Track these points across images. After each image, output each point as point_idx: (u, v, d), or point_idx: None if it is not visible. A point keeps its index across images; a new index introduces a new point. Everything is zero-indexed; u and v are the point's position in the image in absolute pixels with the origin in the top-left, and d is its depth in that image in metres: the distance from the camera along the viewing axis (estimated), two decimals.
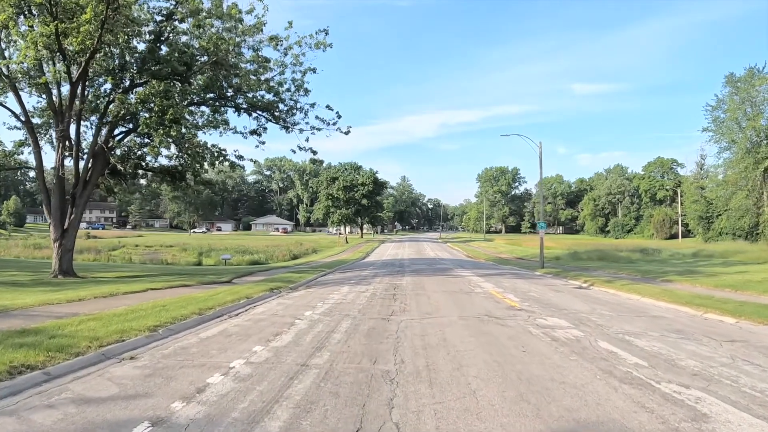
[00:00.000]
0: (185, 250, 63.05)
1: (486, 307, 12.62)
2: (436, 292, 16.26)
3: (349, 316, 10.99)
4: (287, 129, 26.29)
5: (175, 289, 16.78)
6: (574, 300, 14.81)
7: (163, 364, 6.89)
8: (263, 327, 9.81)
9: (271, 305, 13.32)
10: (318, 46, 23.92)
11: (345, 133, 26.62)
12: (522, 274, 25.60)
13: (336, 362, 6.80)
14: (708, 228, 76.75)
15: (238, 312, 12.06)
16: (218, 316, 11.27)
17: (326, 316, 11.15)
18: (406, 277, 22.70)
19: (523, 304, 13.25)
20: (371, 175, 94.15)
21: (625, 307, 13.42)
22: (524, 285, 19.22)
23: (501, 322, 10.31)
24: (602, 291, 18.11)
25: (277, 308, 12.68)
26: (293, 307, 12.75)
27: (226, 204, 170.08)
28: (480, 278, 22.10)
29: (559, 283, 20.95)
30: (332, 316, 11.12)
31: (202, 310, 11.45)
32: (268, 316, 11.36)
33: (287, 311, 12.05)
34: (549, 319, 10.84)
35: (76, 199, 22.62)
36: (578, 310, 12.48)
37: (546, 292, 16.71)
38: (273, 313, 11.83)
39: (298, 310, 12.24)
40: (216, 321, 10.73)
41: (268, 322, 10.45)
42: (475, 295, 15.31)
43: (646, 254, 46.21)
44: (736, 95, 63.56)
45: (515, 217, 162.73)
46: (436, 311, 11.76)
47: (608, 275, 24.81)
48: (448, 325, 9.82)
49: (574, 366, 6.71)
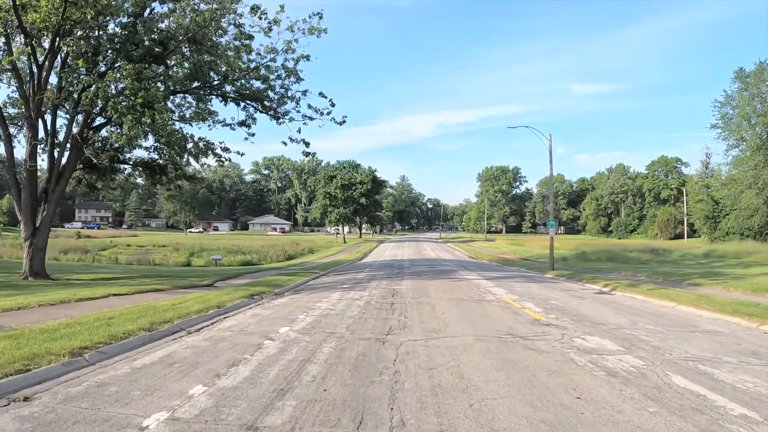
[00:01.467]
0: (177, 250, 61.60)
1: (505, 320, 10.34)
2: (441, 299, 13.94)
3: (334, 335, 8.72)
4: (278, 119, 24.41)
5: (143, 295, 14.67)
6: (604, 309, 12.59)
7: (58, 413, 4.69)
8: (221, 351, 7.57)
9: (243, 317, 11.08)
10: (312, 31, 22.00)
11: (339, 123, 24.76)
12: (533, 277, 23.34)
13: (301, 423, 4.52)
14: (714, 228, 74.83)
15: (201, 326, 9.83)
16: (173, 333, 9.06)
17: (306, 334, 8.88)
18: (405, 280, 20.41)
19: (548, 316, 10.98)
20: (370, 173, 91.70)
21: (667, 319, 11.23)
22: (540, 290, 16.97)
23: (530, 344, 8.03)
24: (628, 297, 15.96)
25: (250, 321, 10.44)
26: (269, 321, 10.50)
27: (224, 204, 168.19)
28: (488, 282, 19.86)
29: (577, 288, 18.76)
30: (313, 334, 8.85)
31: (155, 325, 9.24)
32: (235, 333, 9.11)
33: (260, 326, 9.79)
34: (589, 338, 8.60)
35: (48, 194, 20.75)
36: (617, 324, 10.25)
37: (568, 300, 14.47)
38: (242, 328, 9.58)
39: (273, 324, 9.98)
40: (167, 340, 8.49)
41: (230, 342, 8.21)
42: (488, 304, 13.03)
43: (657, 255, 44.09)
44: (746, 91, 61.39)
45: (516, 217, 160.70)
46: (444, 327, 9.45)
47: (627, 278, 22.72)
48: (463, 350, 7.49)
49: (662, 429, 4.46)
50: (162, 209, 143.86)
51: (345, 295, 15.06)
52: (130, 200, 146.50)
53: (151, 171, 24.80)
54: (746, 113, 60.02)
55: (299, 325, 9.78)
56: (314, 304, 13.11)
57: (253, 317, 11.05)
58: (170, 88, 21.62)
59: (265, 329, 9.42)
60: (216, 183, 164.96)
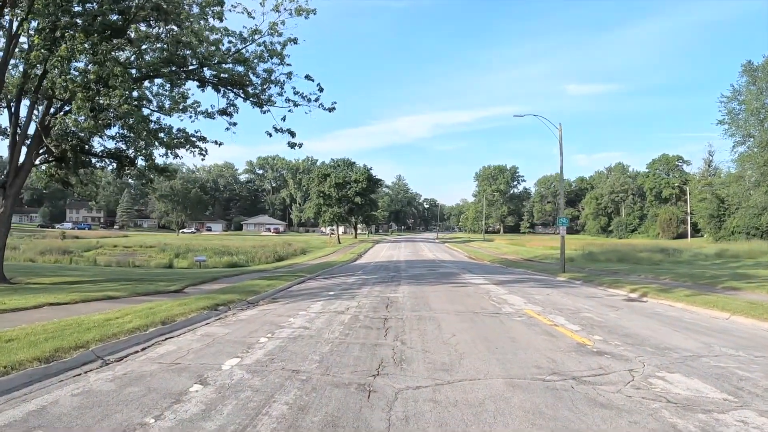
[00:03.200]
0: (163, 251, 59.34)
1: (539, 346, 7.56)
2: (448, 313, 11.14)
3: (298, 376, 6.02)
4: (261, 106, 21.93)
5: (87, 304, 12.15)
6: (654, 325, 9.96)
7: None
8: (121, 404, 5.00)
9: (189, 339, 8.43)
10: (299, 12, 19.87)
11: (329, 110, 22.34)
12: (546, 281, 20.68)
13: None
14: (719, 227, 72.50)
15: (126, 353, 7.30)
16: (82, 364, 6.58)
17: (257, 373, 6.17)
18: (402, 286, 17.61)
19: (593, 338, 8.28)
20: (365, 171, 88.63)
21: (740, 338, 8.76)
22: (563, 298, 14.28)
23: (594, 393, 5.29)
24: (667, 305, 13.42)
25: (194, 346, 7.78)
26: (218, 346, 7.85)
27: (218, 204, 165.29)
28: (499, 288, 17.11)
29: (601, 294, 16.15)
30: (267, 374, 6.13)
31: (61, 352, 6.78)
32: (163, 367, 6.50)
33: (201, 356, 7.15)
34: (670, 378, 5.97)
35: (6, 189, 18.61)
36: (688, 349, 7.63)
37: (602, 311, 11.79)
38: (177, 358, 6.96)
39: (220, 353, 7.33)
40: (63, 378, 6.04)
41: (143, 387, 5.58)
42: (508, 319, 10.25)
43: (668, 255, 41.60)
44: (753, 85, 59.01)
45: (514, 217, 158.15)
46: (459, 361, 6.62)
47: (651, 281, 20.24)
48: (496, 411, 4.61)
49: None
50: (154, 209, 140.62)
51: (328, 306, 12.35)
52: (122, 200, 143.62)
53: (119, 162, 22.36)
54: (754, 108, 57.58)
55: (255, 356, 7.08)
56: (287, 319, 10.39)
57: (202, 339, 8.38)
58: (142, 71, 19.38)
59: (205, 362, 6.74)
60: (210, 183, 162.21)
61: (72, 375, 6.11)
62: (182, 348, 7.70)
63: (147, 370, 6.37)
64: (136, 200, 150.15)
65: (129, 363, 6.79)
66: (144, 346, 7.88)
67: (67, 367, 6.38)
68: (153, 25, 18.96)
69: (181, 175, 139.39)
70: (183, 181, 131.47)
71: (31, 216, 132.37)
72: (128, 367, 6.53)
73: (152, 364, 6.70)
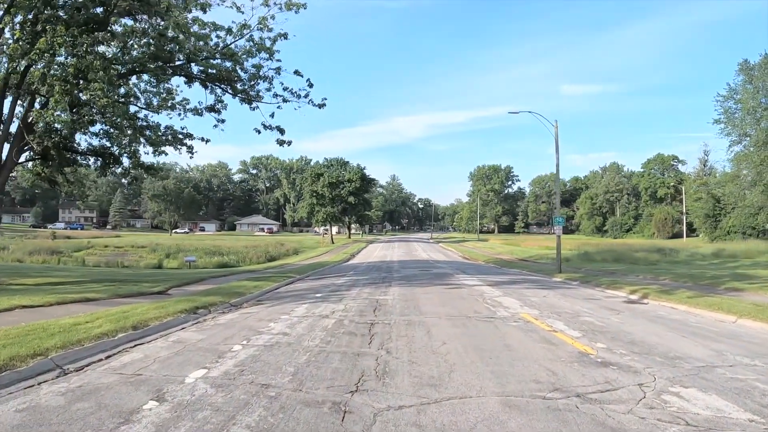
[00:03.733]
0: (154, 251, 58.59)
1: (538, 356, 6.92)
2: (439, 317, 10.44)
3: (267, 392, 5.34)
4: (250, 103, 21.31)
5: (63, 307, 11.44)
6: (660, 329, 9.33)
7: None
8: (64, 423, 4.33)
9: (159, 346, 7.79)
10: (289, 6, 19.26)
11: (318, 106, 21.75)
12: (542, 282, 20.04)
13: None
14: (715, 227, 72.25)
15: (89, 361, 6.76)
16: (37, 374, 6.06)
17: (222, 388, 5.49)
18: (393, 288, 16.90)
19: (595, 346, 7.61)
20: (358, 171, 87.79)
21: (756, 345, 8.16)
22: (560, 300, 13.63)
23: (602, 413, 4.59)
24: (669, 307, 12.82)
25: (161, 354, 7.16)
26: (187, 354, 7.20)
27: (211, 204, 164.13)
28: (493, 289, 16.44)
29: (600, 295, 15.54)
30: (234, 388, 5.45)
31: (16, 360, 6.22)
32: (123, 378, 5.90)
33: (167, 365, 6.51)
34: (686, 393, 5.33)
35: None
36: (699, 357, 7.00)
37: (603, 314, 11.14)
38: (139, 369, 6.34)
39: (187, 362, 6.68)
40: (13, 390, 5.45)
41: (94, 402, 4.95)
42: (503, 324, 9.57)
43: (664, 255, 41.05)
44: (750, 84, 58.63)
45: (508, 217, 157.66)
46: (449, 375, 5.99)
47: (650, 282, 19.67)
48: None
49: None
50: (147, 209, 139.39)
51: (313, 310, 11.66)
52: (115, 200, 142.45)
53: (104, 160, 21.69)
54: (750, 107, 57.20)
55: (224, 366, 6.41)
56: (267, 324, 9.71)
57: (172, 346, 7.71)
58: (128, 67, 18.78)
59: (168, 374, 6.07)
60: (203, 183, 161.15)
61: (24, 387, 5.52)
62: (149, 356, 7.05)
63: (104, 382, 5.73)
64: (129, 200, 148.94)
65: (88, 373, 6.16)
66: (109, 353, 7.25)
67: (21, 377, 5.80)
68: (138, 19, 18.33)
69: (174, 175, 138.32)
70: (176, 180, 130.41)
71: (23, 216, 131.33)
72: (85, 379, 5.90)
73: (112, 375, 6.05)
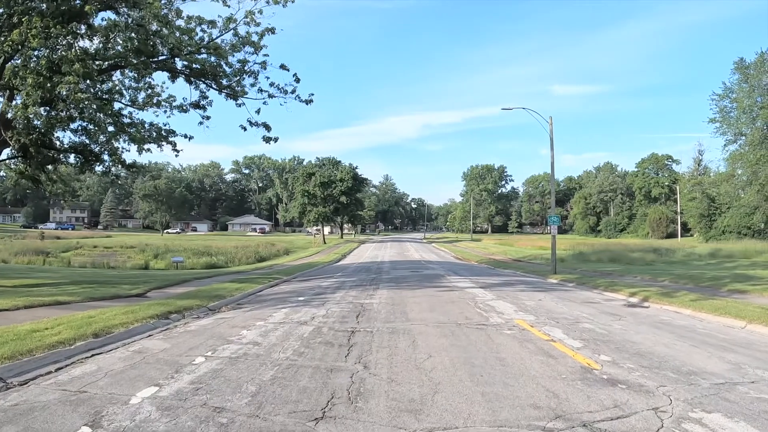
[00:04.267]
0: (143, 252, 57.55)
1: (535, 373, 6.09)
2: (427, 324, 9.55)
3: (217, 419, 4.45)
4: (235, 99, 20.53)
5: (30, 311, 10.70)
6: (667, 338, 8.53)
7: None
8: None
9: (118, 356, 7.01)
10: (277, 0, 18.41)
11: (306, 102, 20.88)
12: (537, 284, 19.23)
13: None
14: (710, 226, 71.79)
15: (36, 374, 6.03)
16: None
17: (168, 412, 4.63)
18: (380, 290, 16.01)
19: (600, 358, 6.78)
20: (350, 170, 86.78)
21: None
22: (557, 304, 12.81)
23: None
24: (672, 311, 12.08)
25: (116, 367, 6.38)
26: (143, 368, 6.39)
27: (204, 204, 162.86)
28: (486, 292, 15.58)
29: (598, 298, 14.77)
30: (179, 415, 4.57)
31: None
32: (56, 400, 5.05)
33: (115, 383, 5.70)
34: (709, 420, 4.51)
35: None
36: (717, 373, 6.21)
37: (604, 320, 10.32)
38: (85, 385, 5.55)
39: (138, 380, 5.85)
40: None
41: None
42: (497, 333, 8.67)
43: (660, 255, 40.38)
44: (746, 83, 58.14)
45: (502, 217, 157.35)
46: (432, 397, 5.13)
47: (649, 283, 18.96)
48: None
49: None
50: (138, 209, 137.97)
51: (292, 315, 10.80)
52: (106, 200, 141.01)
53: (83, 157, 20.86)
54: (746, 106, 56.71)
55: (179, 383, 5.60)
56: (239, 331, 8.87)
57: (131, 357, 6.91)
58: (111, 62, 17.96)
59: (115, 391, 5.28)
60: (195, 183, 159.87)
61: None
62: (101, 369, 6.26)
63: (42, 400, 4.95)
64: (120, 200, 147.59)
65: (31, 388, 5.40)
66: (62, 364, 6.48)
67: None
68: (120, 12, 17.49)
69: (166, 175, 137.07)
70: (167, 180, 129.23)
71: (14, 216, 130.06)
72: (25, 395, 5.13)
73: (55, 391, 5.26)
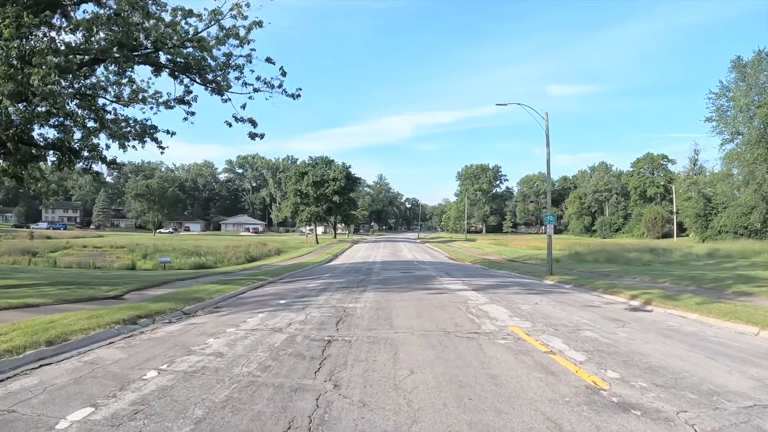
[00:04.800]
0: (132, 252, 56.62)
1: (535, 395, 5.17)
2: (413, 332, 8.62)
3: None
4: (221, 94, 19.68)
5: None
6: (679, 348, 7.70)
7: None
8: None
9: (59, 371, 6.20)
10: None
11: (293, 96, 20.13)
12: (533, 286, 18.39)
13: None
14: (706, 226, 71.24)
15: None
16: None
17: None
18: (367, 293, 15.10)
19: (607, 375, 5.90)
20: (343, 169, 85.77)
21: None
22: (555, 309, 11.95)
23: None
24: (679, 317, 11.25)
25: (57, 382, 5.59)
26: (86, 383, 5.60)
27: (197, 203, 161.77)
28: (479, 295, 14.67)
29: (597, 301, 13.97)
30: None
31: None
32: None
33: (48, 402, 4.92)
34: None
35: None
36: (742, 393, 5.37)
37: (607, 327, 9.47)
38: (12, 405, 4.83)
39: (75, 399, 5.03)
40: None
41: None
42: (489, 343, 7.73)
43: (657, 255, 39.68)
44: (743, 81, 57.62)
45: (496, 216, 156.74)
46: (410, 428, 4.28)
47: (650, 285, 18.16)
48: None
49: None
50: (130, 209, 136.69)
51: (267, 321, 9.91)
52: (98, 199, 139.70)
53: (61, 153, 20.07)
54: (743, 105, 56.16)
55: (119, 403, 4.81)
56: (206, 339, 8.01)
57: (78, 370, 6.15)
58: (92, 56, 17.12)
59: (44, 413, 4.56)
60: (188, 182, 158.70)
61: None
62: (42, 383, 5.46)
63: None
64: (113, 200, 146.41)
65: None
66: (4, 377, 5.74)
67: None
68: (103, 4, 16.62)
69: (159, 174, 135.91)
70: (160, 179, 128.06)
71: (6, 216, 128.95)
72: None
73: None
